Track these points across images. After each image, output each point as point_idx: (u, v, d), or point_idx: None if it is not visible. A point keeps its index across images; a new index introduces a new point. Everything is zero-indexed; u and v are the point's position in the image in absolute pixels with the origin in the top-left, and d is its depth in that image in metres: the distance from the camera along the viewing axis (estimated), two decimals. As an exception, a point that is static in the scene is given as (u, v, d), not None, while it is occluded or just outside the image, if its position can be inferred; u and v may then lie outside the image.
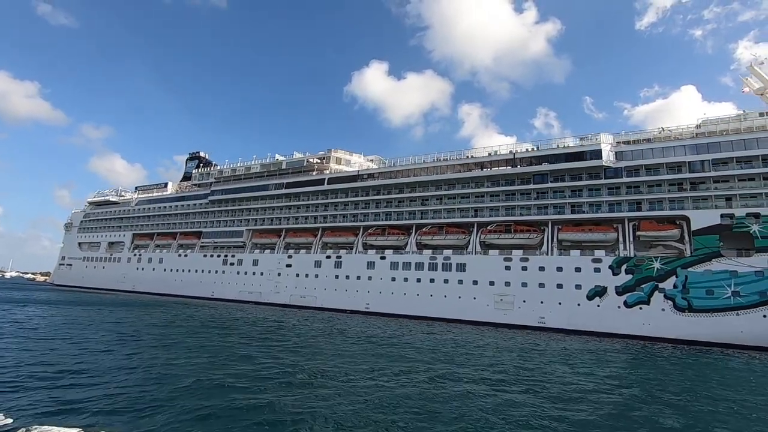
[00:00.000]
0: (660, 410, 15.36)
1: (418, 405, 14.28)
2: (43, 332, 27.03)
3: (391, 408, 13.87)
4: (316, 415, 12.68)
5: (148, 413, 12.26)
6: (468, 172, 53.75)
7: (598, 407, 15.20)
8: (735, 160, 40.02)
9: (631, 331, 40.27)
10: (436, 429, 12.16)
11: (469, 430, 12.27)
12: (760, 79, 47.12)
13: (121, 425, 11.33)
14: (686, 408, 16.01)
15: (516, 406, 14.82)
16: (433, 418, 13.08)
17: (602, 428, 13.04)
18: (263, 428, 11.67)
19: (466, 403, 14.86)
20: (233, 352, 22.72)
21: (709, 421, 14.39)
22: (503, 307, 46.97)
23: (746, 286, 36.63)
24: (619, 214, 44.10)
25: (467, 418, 13.22)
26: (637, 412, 14.86)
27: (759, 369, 26.71)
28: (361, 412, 13.27)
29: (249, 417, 12.33)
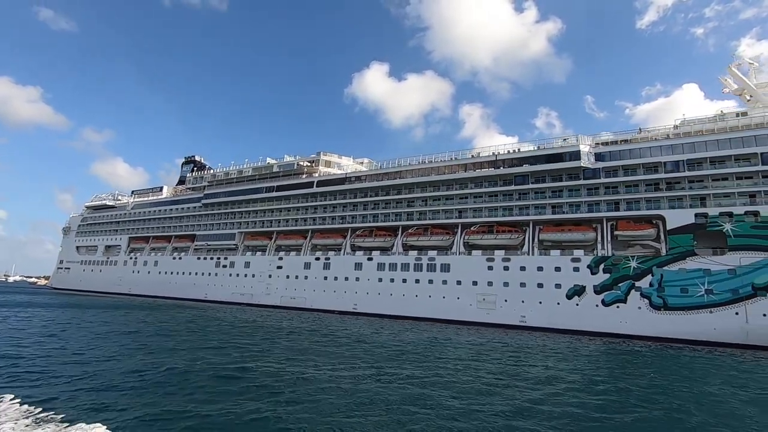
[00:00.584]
0: (615, 405, 15.86)
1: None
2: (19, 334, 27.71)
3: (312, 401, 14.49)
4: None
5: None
6: (452, 174, 54.27)
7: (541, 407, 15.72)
8: (709, 161, 40.46)
9: (609, 330, 40.74)
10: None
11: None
12: (737, 79, 47.57)
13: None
14: (647, 402, 16.50)
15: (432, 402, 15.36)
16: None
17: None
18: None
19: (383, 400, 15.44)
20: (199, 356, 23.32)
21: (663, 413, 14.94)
22: (486, 307, 47.46)
23: (719, 284, 37.07)
24: (597, 214, 44.58)
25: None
26: (590, 412, 15.28)
27: (724, 364, 27.17)
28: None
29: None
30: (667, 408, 15.80)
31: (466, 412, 14.26)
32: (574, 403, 15.96)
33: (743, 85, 46.95)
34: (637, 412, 15.04)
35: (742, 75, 47.34)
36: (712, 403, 16.98)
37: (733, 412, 15.79)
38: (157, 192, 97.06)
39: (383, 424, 12.86)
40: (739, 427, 14.16)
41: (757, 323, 35.17)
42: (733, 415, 15.49)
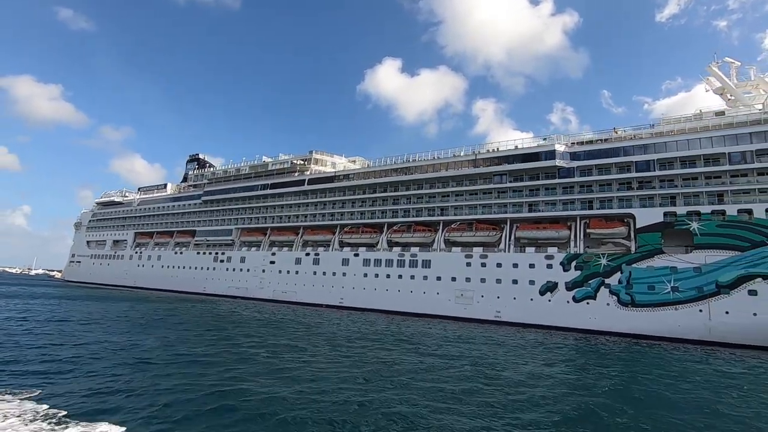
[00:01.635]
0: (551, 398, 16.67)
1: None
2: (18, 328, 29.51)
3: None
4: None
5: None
6: (434, 173, 55.01)
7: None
8: (679, 160, 40.56)
9: (579, 325, 41.27)
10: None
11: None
12: (718, 79, 47.29)
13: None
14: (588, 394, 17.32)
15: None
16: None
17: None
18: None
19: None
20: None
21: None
22: (463, 302, 48.30)
23: (685, 281, 37.33)
24: (571, 213, 44.98)
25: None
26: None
27: (673, 359, 27.70)
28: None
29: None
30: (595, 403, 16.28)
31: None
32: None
33: (724, 85, 46.73)
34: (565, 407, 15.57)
35: (723, 75, 47.23)
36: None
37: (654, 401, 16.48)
38: (161, 189, 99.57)
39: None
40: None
41: (719, 320, 35.42)
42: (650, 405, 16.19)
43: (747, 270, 35.02)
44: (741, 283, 35.03)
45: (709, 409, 15.90)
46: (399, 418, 13.31)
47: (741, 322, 34.56)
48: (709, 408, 16.08)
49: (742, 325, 34.46)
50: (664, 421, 14.33)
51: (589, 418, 14.25)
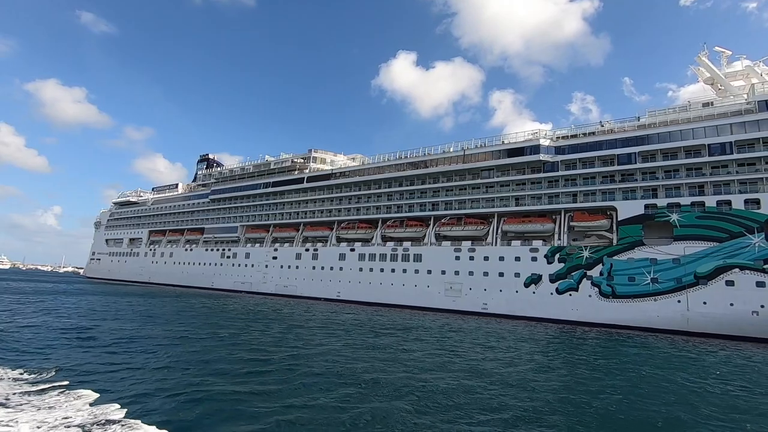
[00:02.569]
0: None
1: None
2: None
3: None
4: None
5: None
6: (425, 169, 55.78)
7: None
8: (660, 153, 40.45)
9: (562, 316, 41.78)
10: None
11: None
12: (707, 69, 46.69)
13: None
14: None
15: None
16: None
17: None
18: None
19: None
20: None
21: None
22: (452, 295, 49.19)
23: (664, 273, 37.47)
24: (555, 206, 45.29)
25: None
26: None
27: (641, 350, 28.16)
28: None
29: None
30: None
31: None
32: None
33: (713, 75, 46.14)
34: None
35: (712, 64, 46.63)
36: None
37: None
38: (173, 189, 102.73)
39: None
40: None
41: (697, 311, 35.53)
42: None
43: (725, 261, 35.01)
44: (718, 273, 35.07)
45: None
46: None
47: (718, 312, 34.64)
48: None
49: (719, 315, 34.53)
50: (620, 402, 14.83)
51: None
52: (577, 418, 12.87)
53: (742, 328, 33.59)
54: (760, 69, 44.47)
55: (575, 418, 12.88)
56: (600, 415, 13.22)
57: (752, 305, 33.46)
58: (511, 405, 13.76)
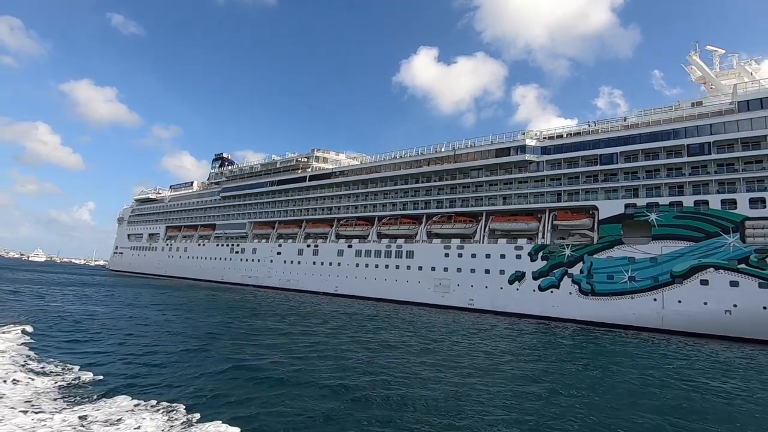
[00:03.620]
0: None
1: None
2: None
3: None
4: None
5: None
6: (418, 168, 56.91)
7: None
8: (642, 153, 40.52)
9: (544, 313, 42.45)
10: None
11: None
12: (698, 68, 46.30)
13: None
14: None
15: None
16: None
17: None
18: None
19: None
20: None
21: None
22: (441, 291, 50.36)
23: (641, 271, 37.76)
24: (540, 205, 45.81)
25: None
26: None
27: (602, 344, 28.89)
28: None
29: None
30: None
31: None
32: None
33: (704, 74, 45.73)
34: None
35: (703, 63, 46.22)
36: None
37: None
38: (188, 186, 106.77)
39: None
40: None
41: (671, 309, 35.77)
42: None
43: (700, 260, 35.12)
44: (694, 273, 35.21)
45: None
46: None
47: (692, 311, 34.83)
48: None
49: (693, 313, 34.72)
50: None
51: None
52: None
53: (714, 327, 33.71)
54: (750, 68, 43.88)
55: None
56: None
57: (725, 304, 33.53)
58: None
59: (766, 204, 33.47)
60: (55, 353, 17.85)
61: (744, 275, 33.12)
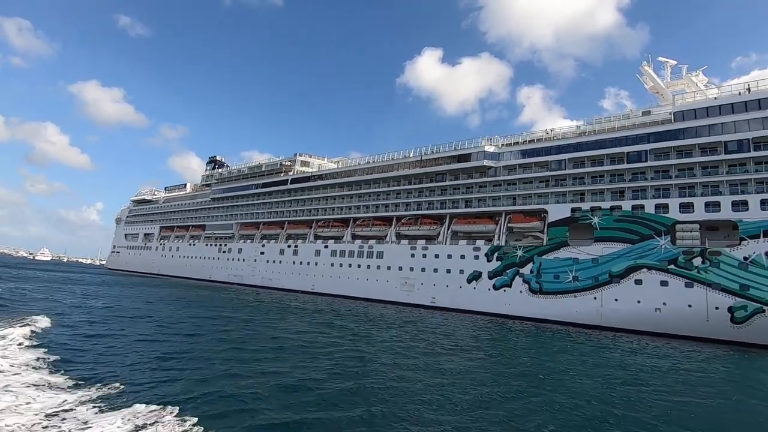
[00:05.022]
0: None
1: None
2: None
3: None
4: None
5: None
6: (389, 172, 58.96)
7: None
8: (587, 159, 42.38)
9: (498, 310, 44.38)
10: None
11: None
12: (650, 79, 48.07)
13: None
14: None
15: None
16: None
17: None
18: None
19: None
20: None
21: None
22: (407, 289, 52.38)
23: (584, 271, 39.63)
24: (498, 208, 47.71)
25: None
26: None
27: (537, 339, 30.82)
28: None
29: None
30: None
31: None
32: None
33: (655, 85, 47.49)
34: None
35: (654, 74, 47.97)
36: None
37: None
38: (182, 188, 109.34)
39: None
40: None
41: (609, 307, 37.63)
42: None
43: (635, 261, 36.97)
44: (629, 273, 37.07)
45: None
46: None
47: (627, 308, 36.69)
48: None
49: (627, 311, 36.59)
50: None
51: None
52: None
53: (646, 324, 35.55)
54: (696, 78, 45.59)
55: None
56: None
57: (656, 303, 35.37)
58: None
59: (694, 209, 35.29)
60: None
61: (673, 275, 34.95)
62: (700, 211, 35.01)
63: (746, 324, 31.82)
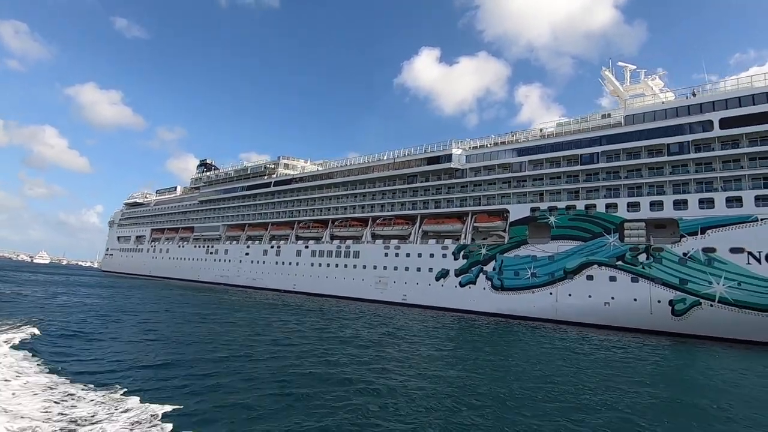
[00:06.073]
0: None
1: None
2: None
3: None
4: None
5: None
6: (365, 174, 60.51)
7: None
8: (545, 161, 43.98)
9: (464, 307, 45.96)
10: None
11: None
12: (610, 83, 49.62)
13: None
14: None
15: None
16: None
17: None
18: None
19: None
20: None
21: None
22: (380, 287, 53.95)
23: (541, 268, 41.24)
24: (464, 209, 49.29)
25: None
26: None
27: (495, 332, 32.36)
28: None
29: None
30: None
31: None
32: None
33: (615, 89, 49.02)
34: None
35: (614, 78, 49.49)
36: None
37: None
38: (172, 191, 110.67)
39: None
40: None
41: (563, 302, 39.25)
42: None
43: (587, 258, 38.58)
44: (582, 269, 38.68)
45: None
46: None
47: (579, 303, 38.31)
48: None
49: (579, 305, 38.21)
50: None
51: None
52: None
53: (597, 317, 37.18)
54: (653, 83, 47.18)
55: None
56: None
57: (605, 297, 37.00)
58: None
59: (640, 207, 36.92)
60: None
61: (620, 271, 36.59)
62: (645, 210, 36.65)
63: (685, 316, 33.46)
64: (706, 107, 36.07)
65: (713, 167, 34.91)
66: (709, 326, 32.46)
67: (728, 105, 34.91)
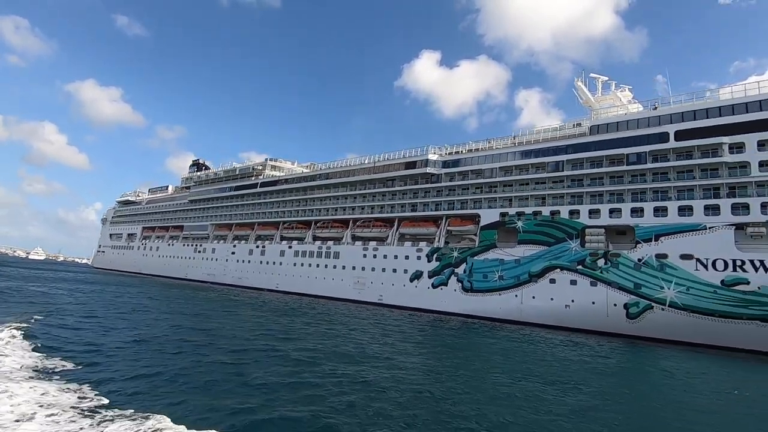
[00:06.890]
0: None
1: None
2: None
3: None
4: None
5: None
6: (347, 177, 61.68)
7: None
8: (515, 168, 45.28)
9: (436, 307, 47.14)
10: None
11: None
12: (582, 93, 51.01)
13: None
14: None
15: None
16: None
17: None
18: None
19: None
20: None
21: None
22: (358, 288, 55.07)
23: (508, 271, 42.48)
24: (439, 213, 50.54)
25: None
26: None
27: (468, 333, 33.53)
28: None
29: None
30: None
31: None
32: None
33: (586, 99, 50.42)
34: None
35: (586, 89, 50.87)
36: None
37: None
38: (164, 190, 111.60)
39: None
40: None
41: (528, 304, 40.48)
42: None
43: (551, 262, 39.85)
44: (545, 273, 39.94)
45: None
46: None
47: (542, 305, 39.57)
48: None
49: (542, 308, 39.46)
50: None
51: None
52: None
53: (558, 319, 38.43)
54: (621, 94, 48.61)
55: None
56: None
57: (566, 300, 38.27)
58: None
59: (600, 214, 38.24)
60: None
61: (581, 275, 37.87)
62: (605, 216, 37.97)
63: (639, 319, 34.75)
64: (664, 120, 37.47)
65: (668, 177, 36.26)
66: (661, 329, 33.74)
67: (684, 118, 36.33)
